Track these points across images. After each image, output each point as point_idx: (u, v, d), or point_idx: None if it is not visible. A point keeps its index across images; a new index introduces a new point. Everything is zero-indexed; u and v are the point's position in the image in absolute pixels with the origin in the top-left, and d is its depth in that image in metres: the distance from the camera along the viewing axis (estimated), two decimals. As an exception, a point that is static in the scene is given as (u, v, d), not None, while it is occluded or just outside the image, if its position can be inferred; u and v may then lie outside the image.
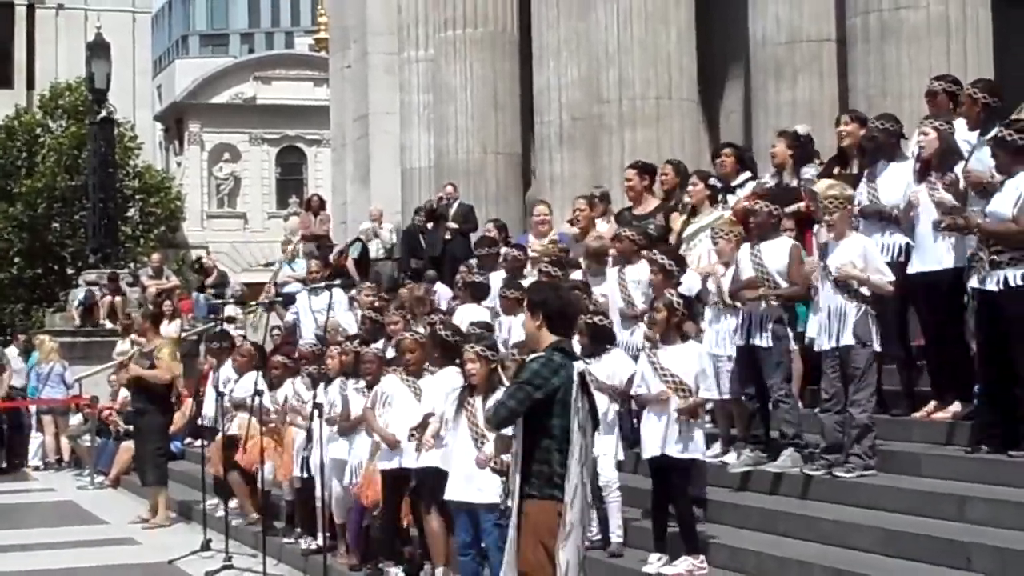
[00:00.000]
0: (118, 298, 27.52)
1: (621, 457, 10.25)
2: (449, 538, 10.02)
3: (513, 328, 11.79)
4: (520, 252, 14.15)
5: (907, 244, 10.53)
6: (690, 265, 11.61)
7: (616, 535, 9.95)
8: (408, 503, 10.92)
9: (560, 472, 6.73)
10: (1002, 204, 9.36)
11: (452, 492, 9.41)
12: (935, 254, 10.28)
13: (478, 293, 13.54)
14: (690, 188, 12.45)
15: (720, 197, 12.53)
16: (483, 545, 9.29)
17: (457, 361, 9.71)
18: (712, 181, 12.36)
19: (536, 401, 6.75)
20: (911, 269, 10.48)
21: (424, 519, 10.39)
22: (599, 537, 9.90)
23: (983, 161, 9.86)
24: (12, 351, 25.44)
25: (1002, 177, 9.49)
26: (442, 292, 16.27)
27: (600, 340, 10.19)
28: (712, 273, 11.06)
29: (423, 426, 10.14)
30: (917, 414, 10.60)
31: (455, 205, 20.18)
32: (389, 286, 19.12)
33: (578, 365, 6.90)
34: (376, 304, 15.19)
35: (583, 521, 6.95)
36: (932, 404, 10.50)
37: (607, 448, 9.86)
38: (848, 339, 9.76)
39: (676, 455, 9.37)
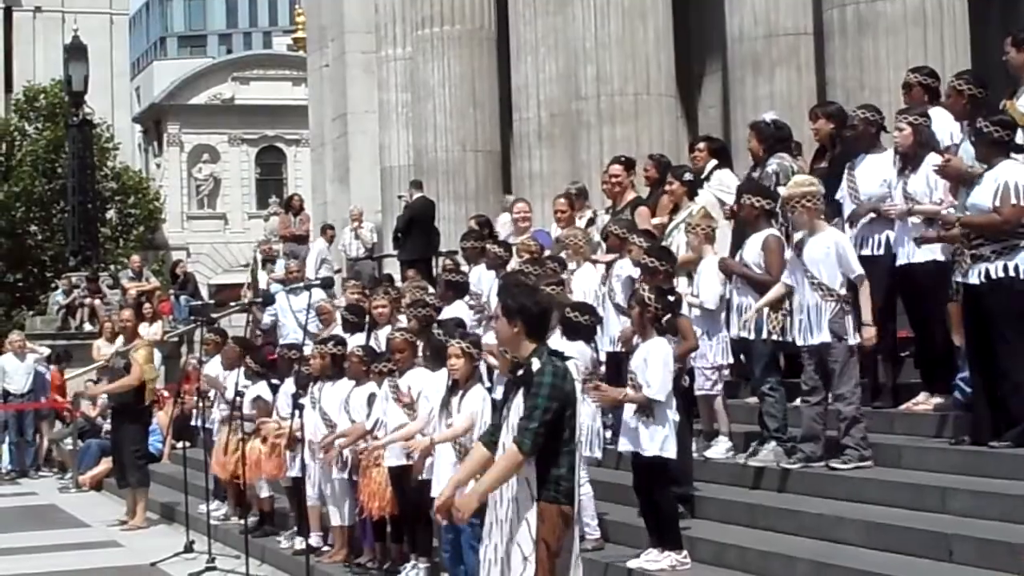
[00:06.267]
0: (97, 300, 27.42)
1: (597, 455, 10.23)
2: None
3: None
4: (503, 249, 14.14)
5: (893, 237, 10.53)
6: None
7: (589, 530, 9.88)
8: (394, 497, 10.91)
9: (567, 476, 6.68)
10: (982, 195, 9.37)
11: (440, 490, 9.38)
12: (913, 247, 10.27)
13: (459, 291, 13.49)
14: (667, 187, 12.53)
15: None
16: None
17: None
18: (687, 176, 12.37)
19: (557, 412, 6.66)
20: (896, 262, 10.49)
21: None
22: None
23: (969, 152, 9.84)
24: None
25: (982, 168, 9.48)
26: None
27: (573, 335, 10.05)
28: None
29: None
30: (902, 407, 10.60)
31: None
32: (370, 285, 19.08)
33: (570, 364, 6.81)
34: (360, 302, 15.12)
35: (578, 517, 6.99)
36: (922, 395, 10.50)
37: None
38: (825, 336, 9.73)
39: (639, 451, 9.34)
